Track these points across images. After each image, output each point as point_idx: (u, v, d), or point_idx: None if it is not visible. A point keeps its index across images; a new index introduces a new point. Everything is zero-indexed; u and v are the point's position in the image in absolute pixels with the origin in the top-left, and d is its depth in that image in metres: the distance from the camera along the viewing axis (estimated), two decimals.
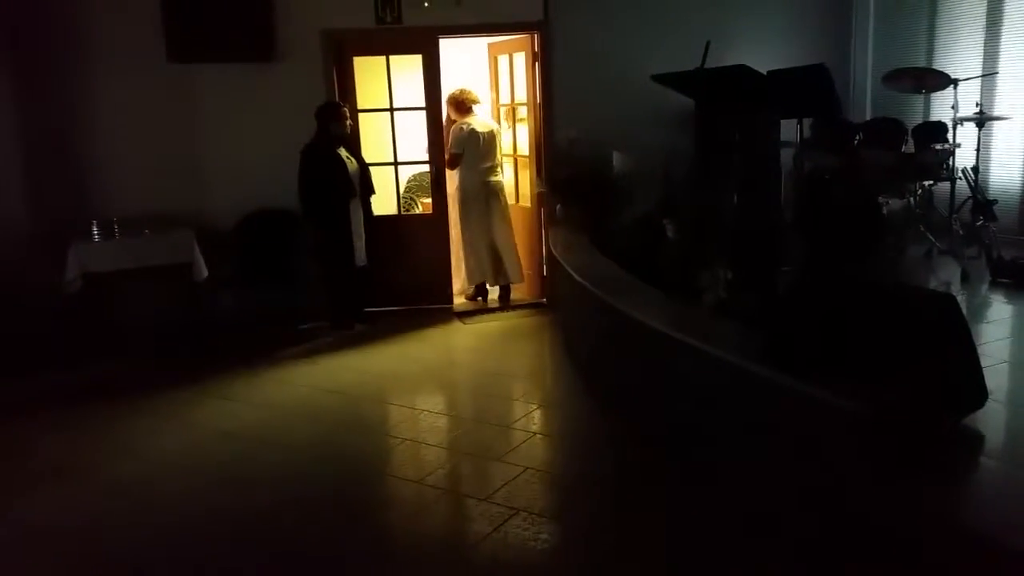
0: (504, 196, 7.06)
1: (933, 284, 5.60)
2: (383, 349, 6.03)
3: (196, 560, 3.29)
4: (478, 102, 7.01)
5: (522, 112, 7.21)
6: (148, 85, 6.30)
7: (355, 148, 6.56)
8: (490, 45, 7.44)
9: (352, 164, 6.32)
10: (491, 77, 7.56)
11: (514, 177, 7.46)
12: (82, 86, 6.23)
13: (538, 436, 4.36)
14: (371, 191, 6.53)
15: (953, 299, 2.79)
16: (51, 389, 5.35)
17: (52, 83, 6.13)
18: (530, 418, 4.62)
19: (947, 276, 5.76)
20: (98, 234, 5.87)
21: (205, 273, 6.05)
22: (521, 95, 7.14)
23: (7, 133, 5.92)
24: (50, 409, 5.00)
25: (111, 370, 5.65)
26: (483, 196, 6.89)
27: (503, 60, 7.31)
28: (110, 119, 6.32)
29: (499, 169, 7.05)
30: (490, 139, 6.91)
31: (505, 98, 7.40)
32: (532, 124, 7.00)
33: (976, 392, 2.70)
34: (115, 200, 6.24)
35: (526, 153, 7.18)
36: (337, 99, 6.51)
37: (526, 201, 7.30)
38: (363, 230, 6.41)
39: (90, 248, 5.81)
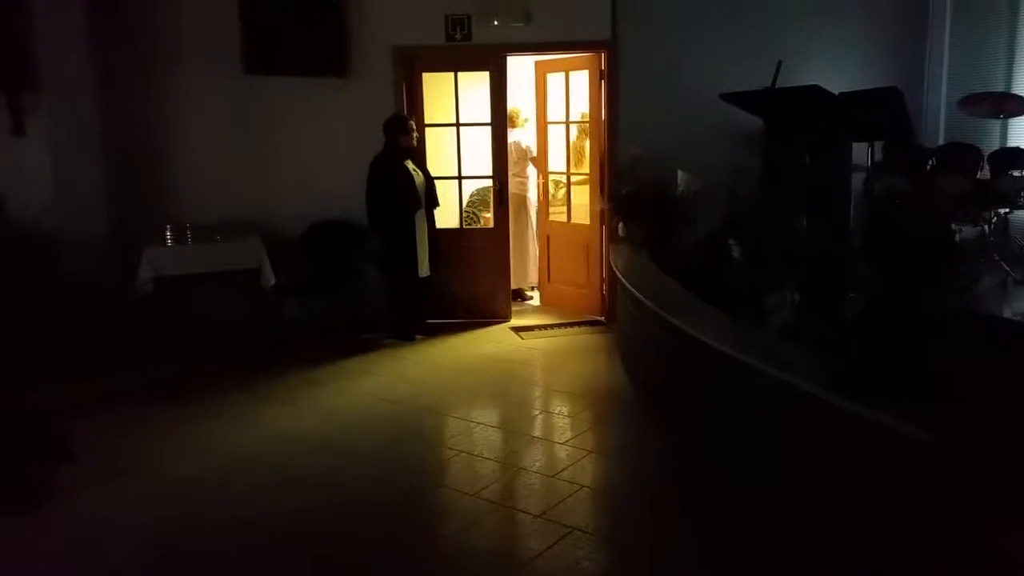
0: (523, 204, 7.49)
1: (1008, 314, 5.42)
2: (442, 361, 6.07)
3: (253, 561, 3.35)
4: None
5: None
6: (225, 95, 6.51)
7: (421, 161, 6.65)
8: (538, 63, 7.41)
9: (418, 176, 6.41)
10: (538, 95, 7.49)
11: (567, 196, 7.45)
12: (162, 95, 6.46)
13: (594, 454, 4.33)
14: (435, 204, 6.60)
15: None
16: (120, 389, 5.50)
17: (134, 92, 6.35)
18: (586, 436, 4.60)
19: (1023, 307, 5.57)
20: (171, 239, 6.05)
21: (272, 280, 6.18)
22: (577, 113, 7.16)
23: (91, 139, 6.14)
24: (118, 408, 5.13)
25: (179, 372, 5.80)
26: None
27: (555, 78, 7.27)
28: (187, 128, 6.54)
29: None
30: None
31: (556, 115, 7.35)
32: (596, 142, 7.00)
33: None
34: (189, 206, 6.44)
35: (585, 170, 7.20)
36: (405, 113, 6.61)
37: (581, 218, 7.31)
38: (427, 241, 6.49)
39: (163, 252, 5.98)
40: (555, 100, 7.36)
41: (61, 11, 5.93)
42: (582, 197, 7.35)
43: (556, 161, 7.48)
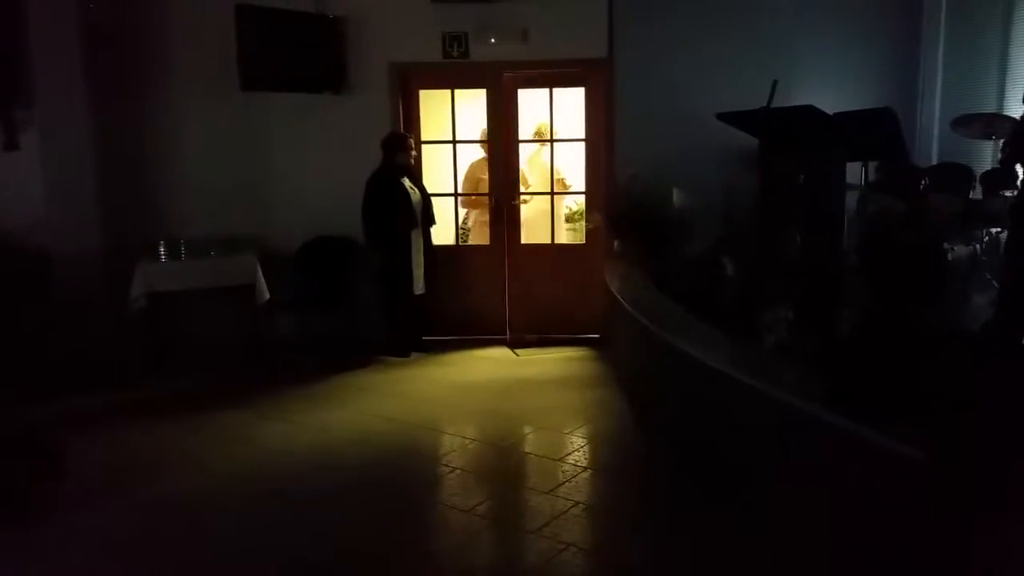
0: None
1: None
2: (437, 378, 6.06)
3: None
4: None
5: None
6: (221, 112, 6.51)
7: (418, 179, 6.66)
8: (507, 77, 6.84)
9: (415, 194, 6.42)
10: (507, 112, 6.93)
11: (551, 217, 7.28)
12: (157, 111, 6.48)
13: (589, 471, 4.32)
14: (432, 221, 6.61)
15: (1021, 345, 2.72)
16: (112, 405, 5.48)
17: (129, 107, 6.36)
18: (581, 452, 4.59)
19: None
20: (165, 254, 6.05)
21: (267, 296, 6.17)
22: (568, 131, 7.14)
23: (85, 155, 6.12)
24: (111, 426, 5.10)
25: (172, 389, 5.77)
26: None
27: (529, 94, 7.05)
28: (182, 143, 6.55)
29: None
30: None
31: (526, 134, 7.17)
32: (591, 160, 7.02)
33: None
34: (184, 222, 6.44)
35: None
36: (402, 130, 6.63)
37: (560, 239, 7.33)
38: (423, 259, 6.49)
39: (156, 268, 5.98)
40: (526, 117, 7.11)
41: (56, 26, 5.94)
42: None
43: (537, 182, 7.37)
